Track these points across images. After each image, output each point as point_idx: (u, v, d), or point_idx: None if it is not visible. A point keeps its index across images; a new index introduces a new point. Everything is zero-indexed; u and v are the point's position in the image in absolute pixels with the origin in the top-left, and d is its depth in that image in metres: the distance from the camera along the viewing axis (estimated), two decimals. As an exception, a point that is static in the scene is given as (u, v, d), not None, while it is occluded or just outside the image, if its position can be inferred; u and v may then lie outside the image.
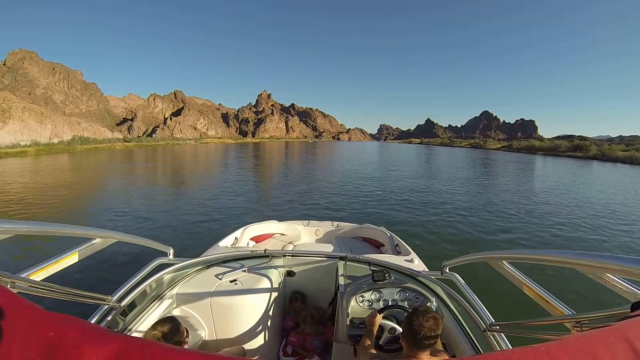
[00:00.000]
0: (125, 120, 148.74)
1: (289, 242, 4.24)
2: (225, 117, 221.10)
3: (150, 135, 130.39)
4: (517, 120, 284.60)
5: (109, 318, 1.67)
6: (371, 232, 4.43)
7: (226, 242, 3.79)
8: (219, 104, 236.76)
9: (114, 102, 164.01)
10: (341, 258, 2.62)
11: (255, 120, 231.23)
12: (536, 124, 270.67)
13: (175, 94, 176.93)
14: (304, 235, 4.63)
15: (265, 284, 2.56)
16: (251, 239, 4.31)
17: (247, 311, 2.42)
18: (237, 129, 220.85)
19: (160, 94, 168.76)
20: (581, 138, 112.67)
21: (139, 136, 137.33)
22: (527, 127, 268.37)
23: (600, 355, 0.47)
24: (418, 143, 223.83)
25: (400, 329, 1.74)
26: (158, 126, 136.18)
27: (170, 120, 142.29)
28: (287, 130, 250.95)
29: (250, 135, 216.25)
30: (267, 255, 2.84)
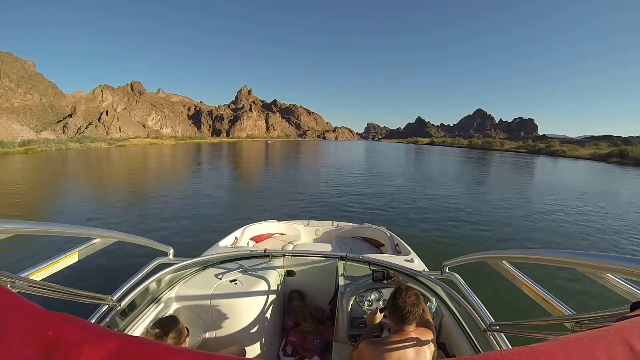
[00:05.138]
0: (71, 116, 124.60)
1: (289, 242, 4.22)
2: (197, 114, 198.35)
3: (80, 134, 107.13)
4: (515, 119, 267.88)
5: (108, 318, 1.66)
6: (371, 231, 4.41)
7: (226, 242, 3.75)
8: (200, 102, 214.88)
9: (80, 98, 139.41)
10: (341, 258, 2.64)
11: (232, 118, 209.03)
12: (535, 122, 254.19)
13: (132, 85, 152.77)
14: (304, 235, 4.57)
15: (265, 283, 2.55)
16: (251, 238, 4.26)
17: (247, 311, 2.41)
18: (210, 127, 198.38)
19: (113, 86, 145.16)
20: (625, 141, 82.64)
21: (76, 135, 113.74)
22: (526, 126, 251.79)
23: (599, 356, 0.46)
24: (427, 144, 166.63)
25: None
26: (91, 123, 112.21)
27: (107, 115, 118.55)
28: (268, 128, 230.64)
29: (225, 134, 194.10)
30: (267, 255, 2.84)
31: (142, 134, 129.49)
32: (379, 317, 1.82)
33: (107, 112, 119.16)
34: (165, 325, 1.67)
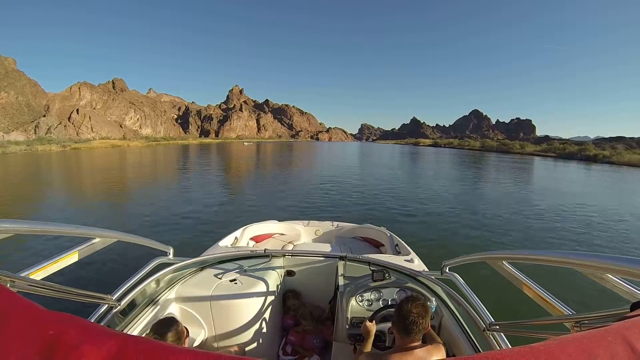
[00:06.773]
0: (44, 115, 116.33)
1: (289, 242, 4.22)
2: (185, 114, 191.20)
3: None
4: (512, 120, 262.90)
5: (108, 317, 1.67)
6: (371, 232, 4.43)
7: (226, 241, 3.75)
8: (192, 102, 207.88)
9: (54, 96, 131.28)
10: (341, 258, 2.65)
11: (221, 118, 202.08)
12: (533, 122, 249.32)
13: (113, 82, 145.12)
14: (304, 235, 4.57)
15: (265, 283, 2.56)
16: (251, 238, 4.26)
17: (246, 311, 2.42)
18: (198, 127, 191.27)
19: (94, 83, 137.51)
20: (638, 142, 79.79)
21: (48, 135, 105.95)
22: (524, 127, 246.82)
23: (599, 355, 0.46)
24: (429, 145, 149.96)
25: None
26: (60, 123, 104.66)
27: (77, 114, 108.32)
28: (259, 129, 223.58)
29: (214, 135, 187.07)
30: (267, 255, 2.85)
31: (118, 135, 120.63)
32: (372, 325, 1.80)
33: (77, 110, 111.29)
34: (163, 328, 1.64)
